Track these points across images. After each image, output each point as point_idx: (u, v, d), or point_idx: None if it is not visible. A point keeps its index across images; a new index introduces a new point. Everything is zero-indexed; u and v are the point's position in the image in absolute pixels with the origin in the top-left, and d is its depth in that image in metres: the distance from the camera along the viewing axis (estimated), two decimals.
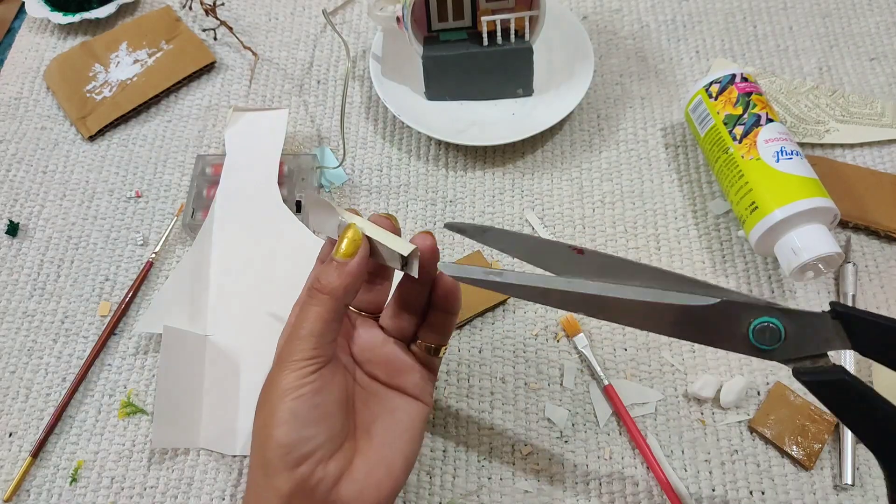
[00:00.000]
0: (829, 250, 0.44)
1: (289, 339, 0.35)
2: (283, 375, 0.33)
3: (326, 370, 0.34)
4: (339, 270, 0.34)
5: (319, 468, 0.33)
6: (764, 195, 0.47)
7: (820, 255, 0.44)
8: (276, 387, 0.33)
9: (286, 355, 0.34)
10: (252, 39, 0.63)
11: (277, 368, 0.34)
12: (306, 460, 0.33)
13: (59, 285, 0.52)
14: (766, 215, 0.46)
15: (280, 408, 0.33)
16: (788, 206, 0.45)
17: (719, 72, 0.52)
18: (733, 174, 0.49)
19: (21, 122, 0.59)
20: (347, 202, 0.54)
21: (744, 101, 0.50)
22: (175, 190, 0.55)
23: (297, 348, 0.34)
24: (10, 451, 0.46)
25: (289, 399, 0.33)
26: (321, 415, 0.34)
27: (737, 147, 0.49)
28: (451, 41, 0.55)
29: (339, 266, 0.34)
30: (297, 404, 0.33)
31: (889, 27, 0.61)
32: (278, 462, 0.32)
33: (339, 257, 0.34)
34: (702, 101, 0.52)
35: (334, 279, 0.34)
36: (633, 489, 0.43)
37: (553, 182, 0.55)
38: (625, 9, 0.63)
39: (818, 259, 0.44)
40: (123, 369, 0.48)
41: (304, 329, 0.34)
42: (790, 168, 0.47)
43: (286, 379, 0.33)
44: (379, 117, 0.59)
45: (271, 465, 0.32)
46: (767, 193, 0.46)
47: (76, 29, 0.65)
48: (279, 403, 0.33)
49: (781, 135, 0.49)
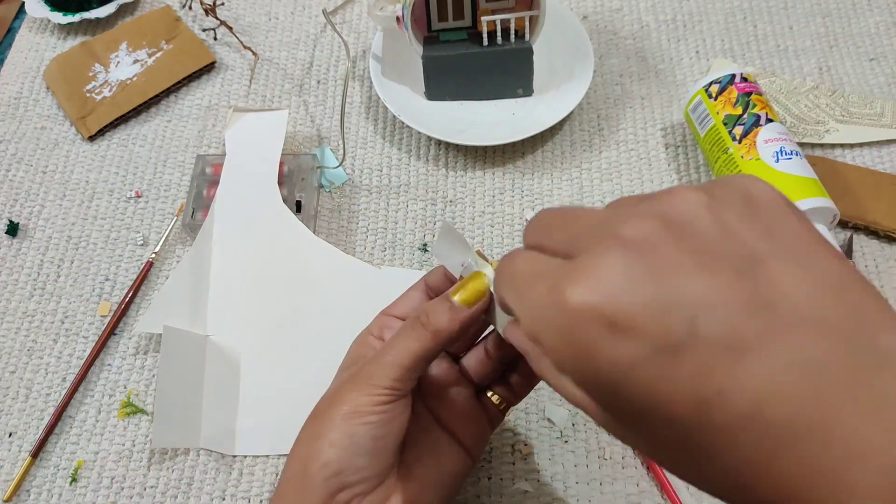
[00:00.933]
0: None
1: (375, 359, 0.33)
2: (354, 395, 0.32)
3: (399, 404, 0.32)
4: (451, 314, 0.32)
5: (356, 500, 0.32)
6: None
7: None
8: (342, 403, 0.32)
9: (366, 375, 0.32)
10: (252, 39, 0.63)
11: (351, 384, 0.33)
12: (347, 489, 0.31)
13: (59, 285, 0.52)
14: None
15: (340, 428, 0.31)
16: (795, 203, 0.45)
17: (719, 72, 0.52)
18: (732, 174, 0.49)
19: (21, 121, 0.59)
20: (347, 202, 0.54)
21: (743, 102, 0.50)
22: (175, 190, 0.55)
23: (379, 372, 0.32)
24: (10, 451, 0.46)
25: (354, 422, 0.31)
26: (378, 448, 0.32)
27: (736, 147, 0.49)
28: (451, 41, 0.55)
29: (453, 310, 0.32)
30: (359, 430, 0.31)
31: (889, 27, 0.61)
32: (319, 482, 0.31)
33: (457, 301, 0.32)
34: (701, 102, 0.52)
35: (444, 321, 0.32)
36: (634, 489, 0.43)
37: (553, 182, 0.55)
38: (625, 9, 0.64)
39: None
40: (123, 369, 0.48)
41: (394, 357, 0.32)
42: (790, 168, 0.47)
43: (357, 400, 0.32)
44: (379, 117, 0.59)
45: (311, 482, 0.31)
46: None
47: (76, 29, 0.65)
48: (341, 423, 0.31)
49: (781, 135, 0.49)
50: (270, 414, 0.46)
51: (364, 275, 0.50)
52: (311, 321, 0.48)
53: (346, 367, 0.37)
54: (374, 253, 0.52)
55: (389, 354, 0.32)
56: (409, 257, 0.52)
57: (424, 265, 0.51)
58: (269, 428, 0.45)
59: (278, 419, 0.45)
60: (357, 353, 0.37)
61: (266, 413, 0.46)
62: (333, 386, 0.36)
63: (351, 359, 0.37)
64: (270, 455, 0.45)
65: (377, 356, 0.33)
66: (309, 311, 0.48)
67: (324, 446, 0.31)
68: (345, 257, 0.50)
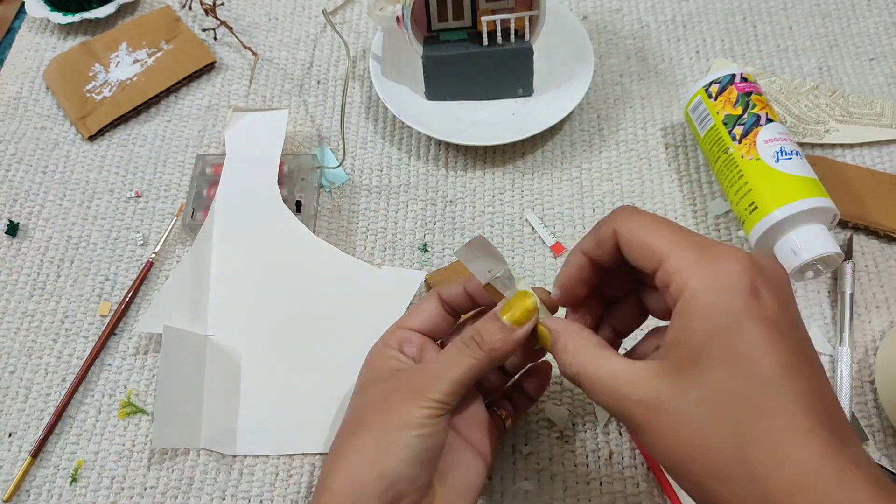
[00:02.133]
0: (828, 250, 0.44)
1: (425, 372, 0.34)
2: (411, 409, 0.33)
3: (445, 418, 0.34)
4: (504, 334, 0.34)
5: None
6: (763, 195, 0.47)
7: (819, 255, 0.44)
8: (397, 415, 0.33)
9: (417, 387, 0.34)
10: (252, 39, 0.63)
11: (408, 395, 0.34)
12: (402, 500, 0.32)
13: (59, 285, 0.51)
14: (765, 215, 0.46)
15: (395, 438, 0.32)
16: (788, 206, 0.45)
17: (719, 72, 0.52)
18: (733, 174, 0.49)
19: (21, 121, 0.59)
20: (347, 202, 0.54)
21: (743, 101, 0.50)
22: (175, 190, 0.55)
23: (436, 387, 0.33)
24: (10, 452, 0.46)
25: (409, 433, 0.32)
26: (428, 459, 0.33)
27: (736, 147, 0.49)
28: (451, 41, 0.55)
29: (505, 330, 0.34)
30: (413, 441, 0.33)
31: (888, 27, 0.61)
32: (375, 494, 0.32)
33: (509, 322, 0.34)
34: (701, 102, 0.52)
35: (497, 341, 0.34)
36: (634, 489, 0.43)
37: (553, 182, 0.55)
38: (625, 9, 0.64)
39: (817, 259, 0.44)
40: (123, 369, 0.48)
41: (451, 372, 0.34)
42: (790, 168, 0.47)
43: (413, 412, 0.33)
44: (379, 117, 0.59)
45: (365, 493, 0.32)
46: (767, 193, 0.47)
47: (76, 29, 0.65)
48: (395, 433, 0.33)
49: (781, 135, 0.49)
50: (271, 414, 0.46)
51: (364, 275, 0.50)
52: (312, 321, 0.48)
53: (376, 380, 0.37)
54: (374, 253, 0.52)
55: (443, 369, 0.34)
56: (409, 257, 0.52)
57: (424, 265, 0.51)
58: (270, 428, 0.45)
59: (279, 419, 0.45)
60: (383, 367, 0.38)
61: (267, 413, 0.46)
62: (367, 399, 0.36)
63: (377, 372, 0.38)
64: (271, 455, 0.45)
65: (428, 370, 0.35)
66: (309, 310, 0.48)
67: (379, 457, 0.32)
68: (345, 257, 0.50)
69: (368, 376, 0.38)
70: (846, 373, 0.45)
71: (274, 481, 0.44)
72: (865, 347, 0.47)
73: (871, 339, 0.47)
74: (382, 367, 0.38)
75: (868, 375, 0.46)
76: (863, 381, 0.46)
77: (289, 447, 0.45)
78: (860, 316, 0.48)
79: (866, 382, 0.46)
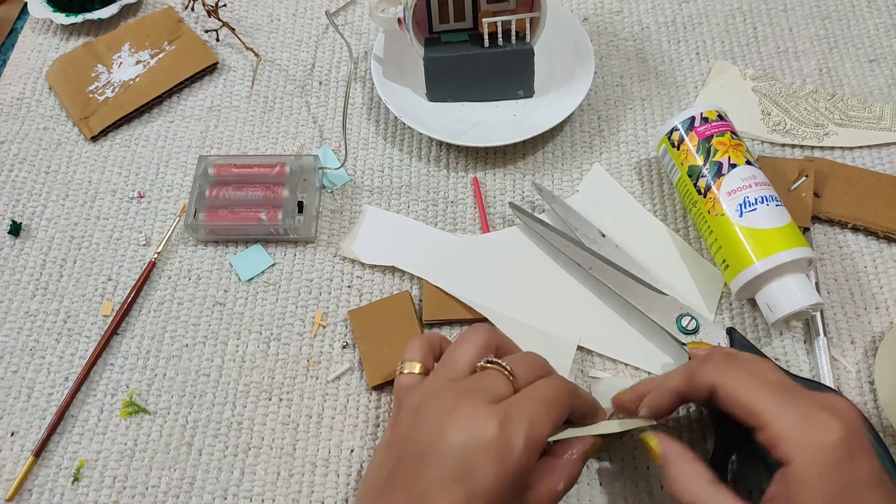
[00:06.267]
0: (800, 305, 0.44)
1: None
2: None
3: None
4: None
5: None
6: (732, 255, 0.46)
7: (793, 311, 0.44)
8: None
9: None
10: (254, 40, 0.63)
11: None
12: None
13: (62, 285, 0.52)
14: (737, 274, 0.45)
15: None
16: (757, 264, 0.44)
17: (679, 115, 0.50)
18: (704, 229, 0.48)
19: (23, 122, 0.60)
20: (349, 203, 0.54)
21: (704, 149, 0.48)
22: (177, 190, 0.56)
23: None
24: (13, 451, 0.46)
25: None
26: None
27: (702, 202, 0.48)
28: (453, 42, 0.56)
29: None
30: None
31: (888, 29, 0.61)
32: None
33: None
34: (667, 151, 0.51)
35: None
36: (634, 489, 0.43)
37: (554, 183, 0.55)
38: (625, 10, 0.64)
39: (792, 314, 0.44)
40: (126, 369, 0.48)
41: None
42: (755, 221, 0.45)
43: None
44: (380, 118, 0.59)
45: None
46: (734, 253, 0.45)
47: (79, 29, 0.65)
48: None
49: (745, 181, 0.46)
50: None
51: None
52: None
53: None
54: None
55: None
56: None
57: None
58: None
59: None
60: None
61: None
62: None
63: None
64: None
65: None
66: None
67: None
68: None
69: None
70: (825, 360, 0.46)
71: (276, 480, 0.44)
72: (865, 348, 0.47)
73: (871, 340, 0.47)
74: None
75: (868, 376, 0.46)
76: (862, 381, 0.46)
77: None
78: (860, 316, 0.48)
79: (866, 383, 0.46)
